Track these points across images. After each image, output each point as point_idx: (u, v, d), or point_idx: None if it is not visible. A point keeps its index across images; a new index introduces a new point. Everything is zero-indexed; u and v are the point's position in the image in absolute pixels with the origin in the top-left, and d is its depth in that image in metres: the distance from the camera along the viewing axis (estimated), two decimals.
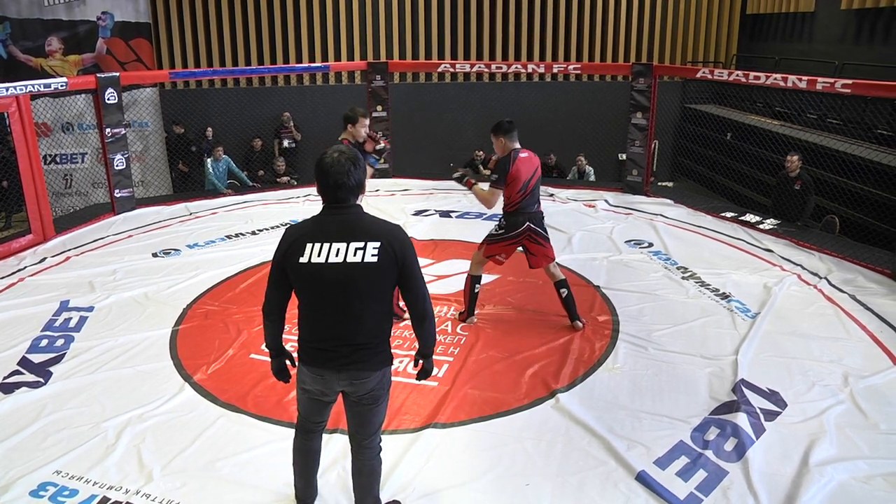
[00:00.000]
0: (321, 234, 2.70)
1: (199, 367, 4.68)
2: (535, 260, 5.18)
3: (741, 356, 4.73)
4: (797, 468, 3.58)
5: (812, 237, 7.23)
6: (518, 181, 4.91)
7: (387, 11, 13.02)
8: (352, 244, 2.67)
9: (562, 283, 5.22)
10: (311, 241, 2.69)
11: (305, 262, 2.68)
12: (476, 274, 5.28)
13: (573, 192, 9.36)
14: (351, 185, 2.70)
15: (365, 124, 5.11)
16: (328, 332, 2.76)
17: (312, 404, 2.97)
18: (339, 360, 2.77)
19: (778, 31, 13.16)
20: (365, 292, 2.70)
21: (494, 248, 5.17)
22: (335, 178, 2.68)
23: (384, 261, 2.68)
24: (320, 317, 2.76)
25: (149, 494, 3.42)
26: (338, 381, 2.82)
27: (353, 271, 2.67)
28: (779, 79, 7.22)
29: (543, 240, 5.12)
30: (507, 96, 12.59)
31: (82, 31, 10.97)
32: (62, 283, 6.25)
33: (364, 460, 3.01)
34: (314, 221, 2.77)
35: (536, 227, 5.05)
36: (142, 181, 11.11)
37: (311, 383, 2.87)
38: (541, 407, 4.19)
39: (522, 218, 5.00)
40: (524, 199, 4.97)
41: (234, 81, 12.75)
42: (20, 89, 7.15)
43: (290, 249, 2.71)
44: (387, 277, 2.72)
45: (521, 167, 4.93)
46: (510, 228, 5.05)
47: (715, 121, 12.19)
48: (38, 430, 3.98)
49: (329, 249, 2.67)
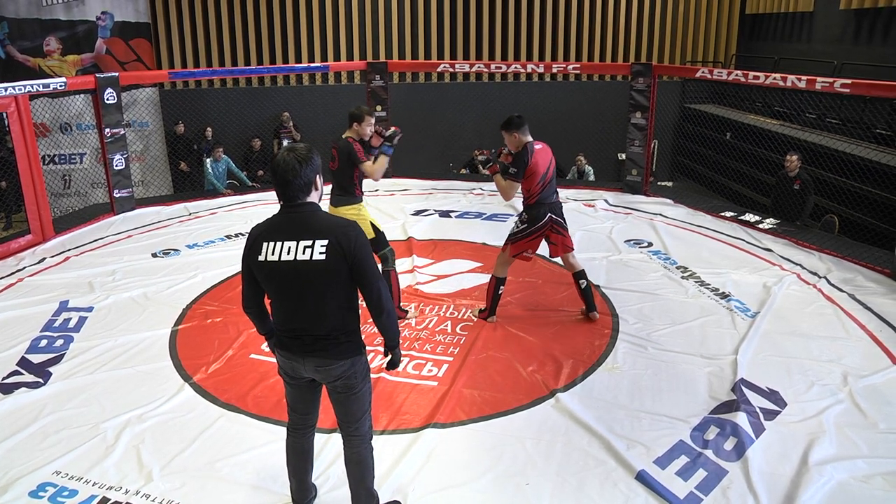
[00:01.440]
0: (275, 233, 2.79)
1: (198, 367, 4.68)
2: (556, 249, 5.23)
3: (741, 356, 4.73)
4: (797, 467, 3.58)
5: (811, 237, 7.24)
6: (537, 174, 4.96)
7: (386, 11, 13.02)
8: (301, 242, 2.74)
9: (580, 275, 5.29)
10: (266, 241, 2.78)
11: (263, 260, 2.77)
12: (501, 276, 5.29)
13: (572, 191, 9.35)
14: (298, 183, 2.74)
15: (371, 123, 5.12)
16: (292, 323, 2.86)
17: (291, 389, 3.05)
18: (304, 347, 2.86)
19: (777, 30, 13.17)
20: (318, 289, 2.77)
21: (521, 245, 5.17)
22: (282, 177, 2.74)
23: (332, 258, 2.72)
24: (284, 309, 2.86)
25: (148, 495, 3.42)
26: (304, 366, 2.90)
27: (304, 269, 2.73)
28: (778, 78, 7.22)
29: (564, 229, 5.18)
30: (506, 96, 12.59)
31: (81, 31, 10.98)
32: (61, 283, 6.24)
33: (353, 448, 3.06)
34: (270, 221, 2.85)
35: (558, 216, 5.11)
36: (141, 181, 11.11)
37: (284, 366, 2.97)
38: (540, 407, 4.19)
39: (544, 209, 5.06)
40: (544, 190, 5.02)
41: (234, 81, 12.75)
42: (19, 89, 7.14)
43: (251, 249, 2.81)
44: (338, 274, 2.75)
45: (539, 159, 4.98)
46: (533, 221, 5.07)
47: (714, 120, 12.19)
48: (37, 430, 3.98)
49: (281, 248, 2.75)
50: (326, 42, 13.01)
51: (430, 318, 5.43)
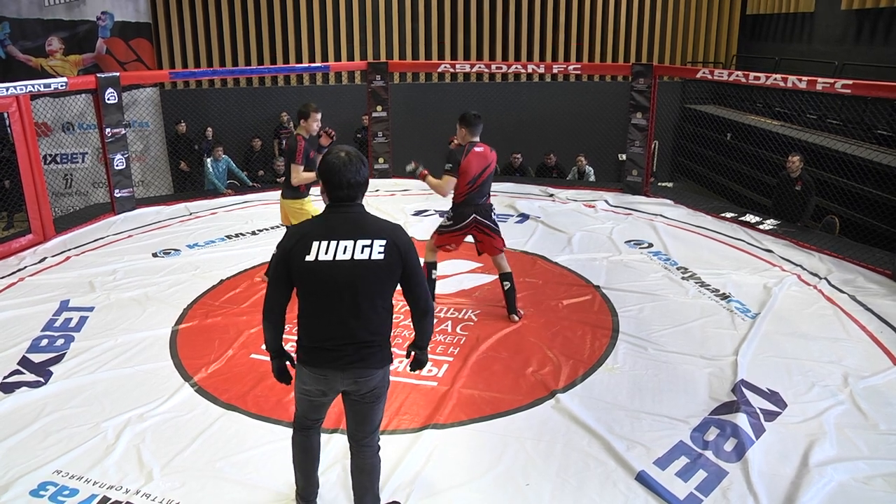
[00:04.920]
0: (328, 232, 2.72)
1: (199, 367, 4.68)
2: (482, 247, 5.38)
3: (741, 356, 4.73)
4: (797, 468, 3.58)
5: (812, 238, 7.24)
6: (468, 174, 5.11)
7: (387, 11, 13.02)
8: (359, 242, 2.70)
9: (506, 276, 5.38)
10: (318, 239, 2.70)
11: (312, 259, 2.68)
12: (430, 261, 5.49)
13: (573, 192, 9.36)
14: (358, 182, 2.74)
15: (317, 119, 5.46)
16: (333, 331, 2.76)
17: (311, 404, 2.98)
18: (344, 358, 2.77)
19: (778, 31, 13.17)
20: (371, 289, 2.73)
21: (443, 239, 5.41)
22: (347, 177, 2.70)
23: (390, 258, 2.72)
24: (325, 315, 2.76)
25: (149, 494, 3.42)
26: (341, 380, 2.82)
27: (361, 269, 2.69)
28: (779, 79, 7.22)
29: (492, 231, 5.30)
30: (507, 96, 12.59)
31: (82, 30, 10.98)
32: (62, 282, 6.25)
33: (364, 458, 3.02)
34: (319, 220, 2.80)
35: (483, 218, 5.24)
36: (142, 181, 11.12)
37: (313, 384, 2.86)
38: (541, 407, 4.19)
39: (469, 210, 5.22)
40: (472, 191, 5.17)
41: (234, 81, 12.75)
42: (20, 89, 7.15)
43: (297, 247, 2.71)
44: (392, 274, 2.76)
45: (473, 160, 5.10)
46: (457, 220, 5.27)
47: (715, 121, 12.19)
48: (38, 429, 3.98)
49: (336, 247, 2.69)
50: (327, 42, 13.01)
51: None
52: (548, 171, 10.96)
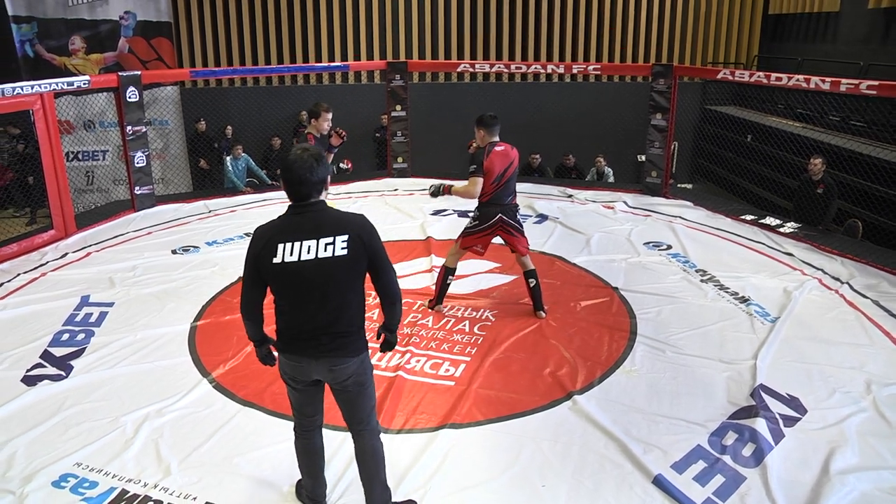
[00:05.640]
0: (291, 233, 2.78)
1: (217, 363, 4.71)
2: (511, 247, 5.38)
3: (760, 361, 4.68)
4: (817, 476, 3.54)
5: (834, 241, 7.15)
6: (492, 173, 5.11)
7: (406, 11, 13.03)
8: (321, 240, 2.76)
9: (531, 274, 5.42)
10: (282, 241, 2.77)
11: (279, 262, 2.75)
12: (451, 266, 5.49)
13: (592, 193, 9.32)
14: (314, 181, 2.78)
15: (328, 118, 5.50)
16: (306, 324, 2.85)
17: (298, 393, 3.05)
18: (319, 347, 2.86)
19: (801, 31, 13.03)
20: (340, 285, 2.81)
21: (470, 240, 5.39)
22: (299, 175, 2.75)
23: (354, 252, 2.78)
24: (297, 310, 2.84)
25: (166, 488, 3.45)
26: (316, 368, 2.91)
27: (327, 266, 2.76)
28: (801, 80, 7.15)
29: (516, 231, 5.31)
30: (526, 96, 12.57)
31: (104, 30, 11.10)
32: (83, 278, 6.32)
33: (364, 441, 3.09)
34: (282, 221, 2.85)
35: (509, 219, 5.24)
36: (162, 178, 11.20)
37: (290, 371, 2.96)
38: (557, 408, 4.18)
39: (495, 209, 5.21)
40: (497, 190, 5.17)
41: (254, 80, 12.81)
42: (45, 87, 7.24)
43: (263, 251, 2.78)
44: (358, 267, 2.83)
45: (496, 160, 5.12)
46: (484, 220, 5.26)
47: (735, 122, 12.08)
48: (59, 422, 4.04)
49: (300, 247, 2.76)
50: (346, 41, 13.04)
51: (448, 317, 5.43)
52: (567, 171, 10.92)
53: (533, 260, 5.47)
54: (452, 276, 5.54)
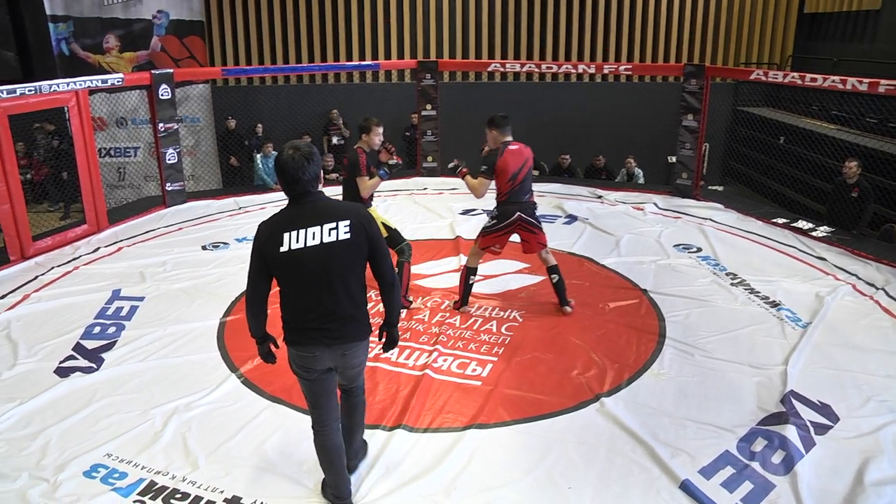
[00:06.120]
0: (295, 222, 2.93)
1: (245, 358, 4.75)
2: (528, 246, 5.41)
3: (791, 366, 4.60)
4: (850, 486, 3.47)
5: (869, 246, 7.00)
6: (506, 172, 5.15)
7: (437, 10, 13.04)
8: (325, 226, 2.92)
9: (553, 269, 5.45)
10: (287, 231, 2.91)
11: (286, 250, 2.90)
12: (472, 266, 5.50)
13: (622, 194, 9.25)
14: (307, 178, 2.92)
15: (379, 133, 5.40)
16: (315, 311, 2.98)
17: (311, 384, 3.16)
18: (329, 335, 3.01)
19: (838, 30, 12.78)
20: (343, 268, 2.96)
21: (489, 240, 5.40)
22: (293, 174, 2.89)
23: (356, 235, 2.95)
24: (305, 298, 2.98)
25: (194, 481, 3.49)
26: (329, 356, 3.05)
27: (332, 250, 2.92)
28: (837, 81, 7.02)
29: (535, 228, 5.34)
30: (556, 96, 12.51)
31: (138, 28, 11.25)
32: (114, 272, 6.41)
33: (356, 398, 3.42)
34: (285, 214, 2.99)
35: (527, 216, 5.26)
36: (192, 175, 11.33)
37: (303, 362, 3.09)
38: (584, 410, 4.15)
39: (514, 208, 5.24)
40: (514, 188, 5.21)
41: (285, 79, 12.90)
42: (80, 84, 7.36)
43: (269, 242, 2.92)
44: (360, 250, 2.99)
45: (510, 159, 5.16)
46: (502, 218, 5.28)
47: (768, 124, 11.89)
48: (90, 413, 4.11)
49: (305, 234, 2.90)
50: (377, 40, 13.08)
51: (475, 317, 5.43)
52: (596, 172, 10.85)
53: (561, 260, 5.46)
54: (475, 277, 5.55)
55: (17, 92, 6.67)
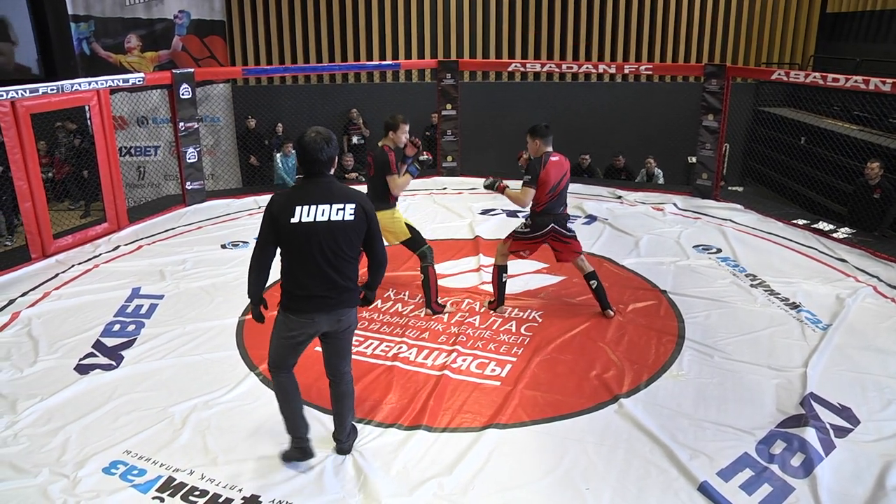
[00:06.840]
0: (307, 198, 3.25)
1: (264, 357, 4.67)
2: (562, 255, 5.41)
3: (811, 369, 4.56)
4: (871, 490, 3.43)
5: (891, 248, 6.91)
6: (547, 184, 5.11)
7: (458, 10, 13.04)
8: (333, 205, 3.25)
9: (591, 276, 5.41)
10: (300, 204, 3.23)
11: (297, 221, 3.21)
12: (502, 264, 5.48)
13: (641, 194, 9.20)
14: (324, 159, 3.27)
15: (405, 130, 5.38)
16: (315, 280, 3.29)
17: (293, 349, 3.48)
18: (329, 301, 3.34)
19: (861, 30, 12.62)
20: (343, 244, 3.29)
21: (518, 245, 5.41)
22: (312, 154, 3.25)
23: (359, 219, 3.30)
24: (307, 267, 3.28)
25: (212, 479, 3.51)
26: (326, 321, 3.38)
27: (337, 228, 3.25)
28: (860, 81, 6.94)
29: (569, 238, 5.32)
30: (577, 96, 12.45)
31: (159, 28, 11.35)
32: (134, 270, 6.47)
33: (346, 384, 3.64)
34: (298, 189, 3.32)
35: (560, 227, 5.25)
36: (212, 174, 11.41)
37: (299, 328, 3.38)
38: (603, 411, 4.14)
39: (548, 219, 5.22)
40: (551, 200, 5.18)
41: (305, 78, 12.95)
42: (101, 84, 7.43)
43: (283, 213, 3.22)
44: (360, 231, 3.34)
45: (552, 170, 5.12)
46: (535, 228, 5.27)
47: (789, 124, 11.76)
48: (109, 410, 4.15)
49: (315, 210, 3.23)
50: (398, 40, 13.10)
51: (494, 317, 5.42)
52: (616, 172, 10.80)
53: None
54: (507, 274, 5.52)
55: (40, 91, 6.75)
